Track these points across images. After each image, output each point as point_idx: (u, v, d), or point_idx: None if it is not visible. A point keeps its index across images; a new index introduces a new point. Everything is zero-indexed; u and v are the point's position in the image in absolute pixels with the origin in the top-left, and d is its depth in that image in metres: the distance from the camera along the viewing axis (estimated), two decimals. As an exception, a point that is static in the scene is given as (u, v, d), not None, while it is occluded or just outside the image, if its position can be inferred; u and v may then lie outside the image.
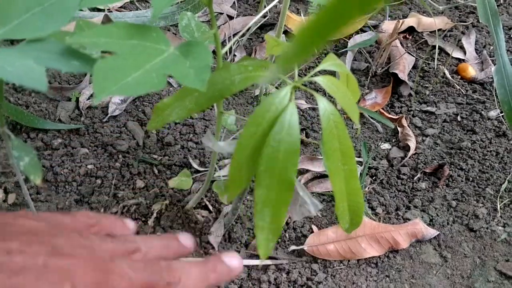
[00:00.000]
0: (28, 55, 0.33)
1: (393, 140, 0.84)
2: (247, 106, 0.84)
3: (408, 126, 0.85)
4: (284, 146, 0.35)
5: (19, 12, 0.34)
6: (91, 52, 0.42)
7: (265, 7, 0.96)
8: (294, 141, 0.35)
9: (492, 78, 0.91)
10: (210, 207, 0.69)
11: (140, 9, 0.99)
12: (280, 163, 0.35)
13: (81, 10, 0.93)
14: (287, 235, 0.68)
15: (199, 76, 0.33)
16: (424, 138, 0.84)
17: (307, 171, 0.76)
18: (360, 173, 0.77)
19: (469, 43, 1.01)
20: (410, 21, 1.02)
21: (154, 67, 0.32)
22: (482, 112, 0.88)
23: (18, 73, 0.31)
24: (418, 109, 0.89)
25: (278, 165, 0.36)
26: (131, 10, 0.98)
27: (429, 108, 0.89)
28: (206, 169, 0.74)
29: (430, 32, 1.03)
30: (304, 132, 0.83)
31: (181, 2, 0.96)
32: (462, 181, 0.78)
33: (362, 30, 1.01)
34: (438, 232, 0.70)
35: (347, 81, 0.46)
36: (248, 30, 0.93)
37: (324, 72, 0.53)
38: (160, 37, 0.35)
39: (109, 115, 0.78)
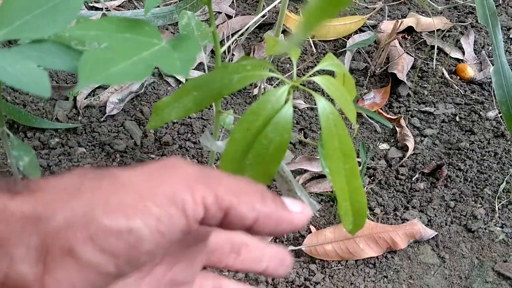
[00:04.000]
0: (29, 56, 0.33)
1: (392, 140, 0.84)
2: (245, 106, 0.84)
3: (406, 126, 0.85)
4: (273, 145, 0.36)
5: (21, 13, 0.34)
6: (90, 46, 0.42)
7: (264, 6, 0.96)
8: (284, 141, 0.37)
9: (490, 78, 0.91)
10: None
11: (138, 8, 0.98)
12: (267, 160, 0.37)
13: (79, 8, 0.93)
14: (285, 235, 0.68)
15: (184, 66, 0.33)
16: (422, 138, 0.84)
17: (305, 171, 0.76)
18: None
19: (467, 43, 1.01)
20: (409, 21, 1.02)
21: (143, 59, 0.33)
22: (481, 113, 0.88)
23: (19, 76, 0.31)
24: (417, 109, 0.89)
25: (264, 161, 0.37)
26: (129, 9, 0.97)
27: (427, 108, 0.88)
28: (204, 168, 0.73)
29: (429, 32, 1.03)
30: (302, 132, 0.82)
31: (179, 1, 0.95)
32: (460, 181, 0.78)
33: (360, 30, 1.01)
34: (436, 233, 0.70)
35: (343, 81, 0.46)
36: (247, 29, 0.93)
37: (323, 72, 0.53)
38: (152, 31, 0.35)
39: (106, 114, 0.78)
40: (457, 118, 0.88)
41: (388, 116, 0.86)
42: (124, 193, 0.22)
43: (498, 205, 0.75)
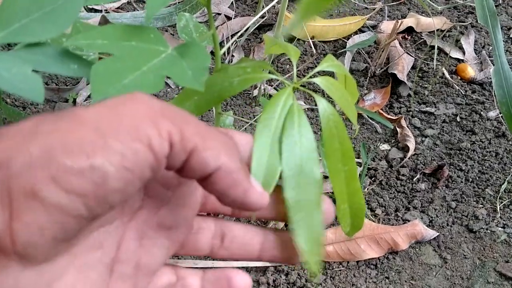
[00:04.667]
0: (26, 59, 0.33)
1: (392, 141, 0.84)
2: (245, 107, 0.84)
3: (407, 126, 0.85)
4: (304, 148, 0.34)
5: (19, 16, 0.34)
6: (88, 53, 0.42)
7: (263, 7, 0.95)
8: (309, 140, 0.34)
9: (491, 78, 0.91)
10: (209, 209, 0.68)
11: (138, 10, 0.98)
12: (303, 163, 0.34)
13: (79, 10, 0.93)
14: (286, 236, 0.68)
15: (197, 77, 0.32)
16: (423, 138, 0.84)
17: (306, 172, 0.76)
18: (359, 174, 0.76)
19: (468, 43, 1.01)
20: (409, 21, 1.02)
21: (152, 68, 0.32)
22: (482, 113, 0.88)
23: (14, 81, 0.31)
24: (417, 110, 0.88)
25: (303, 168, 0.34)
26: (128, 11, 0.97)
27: (428, 109, 0.88)
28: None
29: (429, 32, 1.03)
30: (302, 133, 0.82)
31: (178, 2, 0.95)
32: (461, 182, 0.78)
33: (360, 31, 1.01)
34: (437, 233, 0.70)
35: (345, 82, 0.45)
36: (246, 30, 0.93)
37: (323, 73, 0.53)
38: (158, 38, 0.35)
39: (106, 116, 0.78)
40: (458, 118, 0.87)
41: (389, 116, 0.86)
42: (83, 131, 0.21)
43: (499, 205, 0.75)
